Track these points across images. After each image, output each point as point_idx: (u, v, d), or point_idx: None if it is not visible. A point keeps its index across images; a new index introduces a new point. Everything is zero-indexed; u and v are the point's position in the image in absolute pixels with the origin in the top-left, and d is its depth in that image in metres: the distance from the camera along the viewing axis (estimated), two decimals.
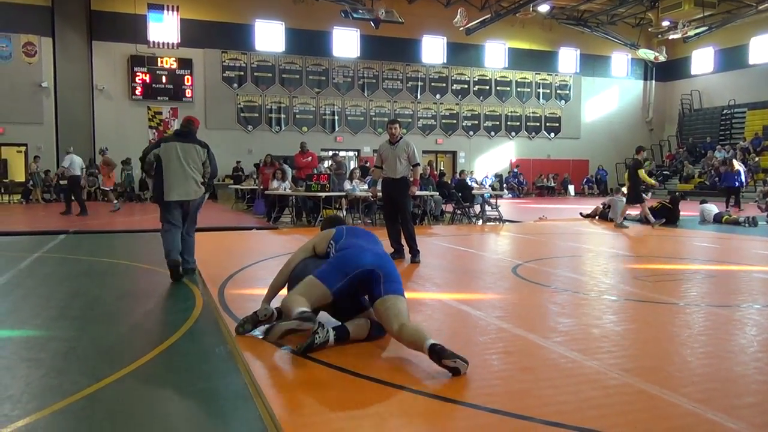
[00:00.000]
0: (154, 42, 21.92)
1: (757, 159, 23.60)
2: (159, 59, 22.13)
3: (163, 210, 6.01)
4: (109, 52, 21.69)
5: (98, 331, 4.21)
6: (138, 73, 21.91)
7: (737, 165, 18.10)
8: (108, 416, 2.78)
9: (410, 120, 25.65)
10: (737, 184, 17.61)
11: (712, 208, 13.34)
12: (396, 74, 25.69)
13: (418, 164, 8.01)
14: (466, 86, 26.86)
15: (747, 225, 12.01)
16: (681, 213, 13.01)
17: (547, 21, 26.69)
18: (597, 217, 13.58)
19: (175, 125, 21.68)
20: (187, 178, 5.94)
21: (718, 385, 3.07)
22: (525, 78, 27.79)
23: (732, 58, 27.26)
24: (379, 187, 8.62)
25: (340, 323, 3.72)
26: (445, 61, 26.39)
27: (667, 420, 2.64)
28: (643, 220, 12.88)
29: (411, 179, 7.93)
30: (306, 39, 24.01)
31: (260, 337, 3.79)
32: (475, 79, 26.99)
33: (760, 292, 5.68)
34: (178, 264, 5.92)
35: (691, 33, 25.32)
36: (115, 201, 15.76)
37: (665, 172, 27.79)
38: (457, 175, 19.23)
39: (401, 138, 7.87)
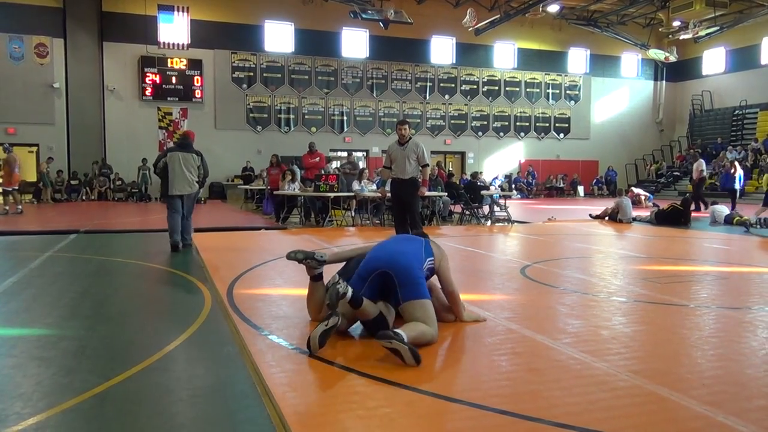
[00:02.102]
0: (164, 43, 22.05)
1: None
2: (169, 60, 22.24)
3: (168, 201, 8.16)
4: (119, 53, 21.84)
5: (108, 331, 4.24)
6: (148, 74, 22.03)
7: (739, 168, 17.97)
8: (117, 415, 2.79)
9: (419, 120, 25.63)
10: (737, 186, 17.56)
11: (723, 209, 13.25)
12: (405, 75, 25.68)
13: (428, 165, 8.01)
14: (475, 87, 26.81)
15: (759, 226, 11.91)
16: (692, 214, 12.98)
17: (556, 21, 26.59)
18: (607, 218, 13.51)
19: (185, 125, 21.85)
20: (185, 178, 8.04)
21: (728, 388, 3.05)
22: (534, 78, 27.69)
23: (744, 58, 27.02)
24: (388, 188, 8.63)
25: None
26: (454, 62, 26.35)
27: (677, 423, 2.63)
28: (653, 220, 12.82)
29: (420, 180, 7.93)
30: (315, 40, 24.04)
31: (280, 341, 3.79)
32: (485, 80, 26.93)
33: None
34: (177, 243, 8.05)
35: (702, 33, 25.12)
36: (19, 206, 14.41)
37: (675, 173, 27.63)
38: (468, 176, 19.19)
39: (410, 139, 7.88)
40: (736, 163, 18.19)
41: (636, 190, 20.04)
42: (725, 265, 7.40)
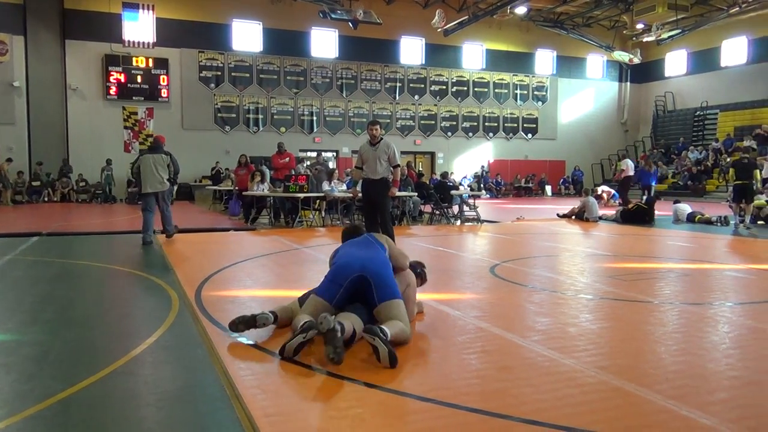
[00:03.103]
0: (129, 41, 21.56)
1: (728, 159, 24.05)
2: (134, 59, 21.80)
3: (142, 200, 9.02)
4: (82, 51, 21.32)
5: (71, 335, 4.13)
6: (112, 73, 21.55)
7: (654, 166, 19.22)
8: (81, 421, 2.73)
9: (389, 121, 25.64)
10: (653, 182, 18.64)
11: (686, 207, 13.59)
12: (374, 75, 25.68)
13: (399, 165, 8.04)
14: (444, 87, 26.95)
15: (719, 224, 12.25)
16: (656, 213, 13.30)
17: (524, 23, 26.90)
18: (574, 217, 13.73)
19: (151, 125, 21.49)
20: (156, 177, 8.82)
21: (691, 382, 3.13)
22: (502, 79, 27.97)
23: (704, 61, 27.74)
24: (359, 188, 8.63)
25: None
26: (424, 62, 26.44)
27: (642, 416, 2.68)
28: (618, 219, 13.08)
29: (391, 180, 7.94)
30: (284, 39, 23.87)
31: (249, 343, 3.76)
32: (453, 80, 27.10)
33: (731, 289, 5.79)
34: (149, 240, 8.72)
35: (665, 36, 25.69)
36: None
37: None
38: (438, 176, 19.25)
39: (381, 139, 7.89)
40: (652, 162, 19.33)
41: (600, 188, 20.43)
42: (688, 262, 7.59)
